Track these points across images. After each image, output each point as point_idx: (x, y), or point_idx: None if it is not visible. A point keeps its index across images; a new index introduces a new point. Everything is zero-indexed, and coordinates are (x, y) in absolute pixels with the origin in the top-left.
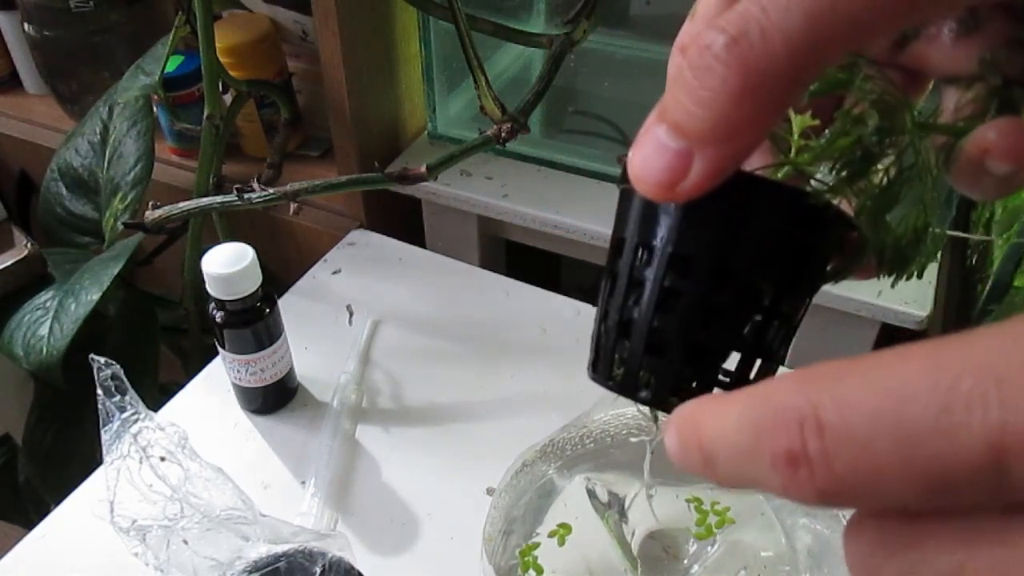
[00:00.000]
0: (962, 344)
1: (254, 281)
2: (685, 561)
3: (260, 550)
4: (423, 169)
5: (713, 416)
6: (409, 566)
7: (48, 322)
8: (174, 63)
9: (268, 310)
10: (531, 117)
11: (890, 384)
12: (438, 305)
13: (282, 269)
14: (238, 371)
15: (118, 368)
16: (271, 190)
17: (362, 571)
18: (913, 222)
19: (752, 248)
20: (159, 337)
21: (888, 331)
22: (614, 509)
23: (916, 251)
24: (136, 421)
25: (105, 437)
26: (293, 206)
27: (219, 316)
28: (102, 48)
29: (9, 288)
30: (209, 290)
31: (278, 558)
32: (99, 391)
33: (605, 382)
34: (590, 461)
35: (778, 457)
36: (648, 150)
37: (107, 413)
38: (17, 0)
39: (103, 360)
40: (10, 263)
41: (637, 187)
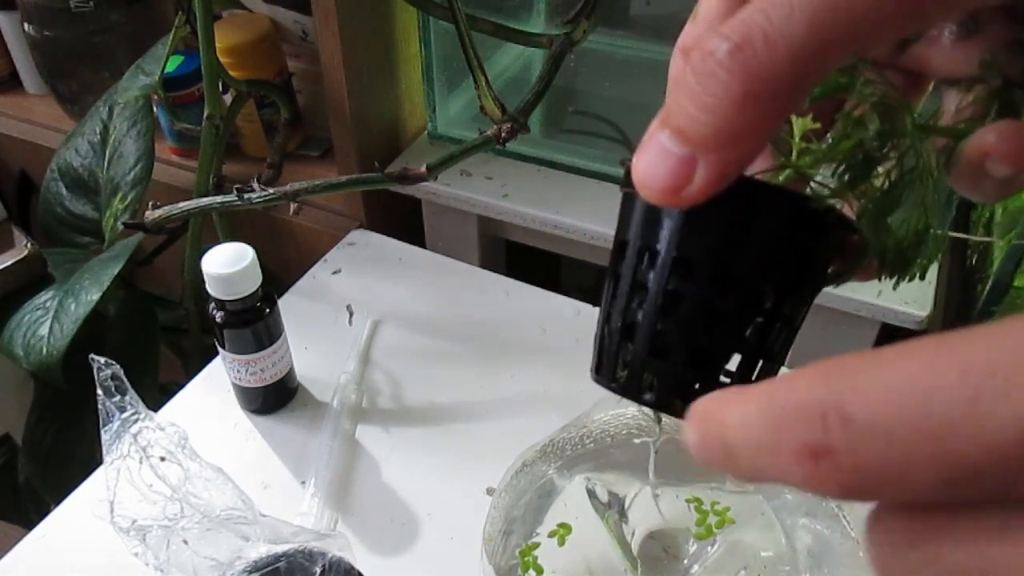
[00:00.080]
0: (989, 334)
1: (254, 281)
2: (685, 561)
3: (260, 550)
4: (423, 169)
5: (733, 410)
6: (409, 566)
7: (48, 322)
8: (174, 63)
9: (268, 310)
10: (531, 117)
11: (916, 375)
12: (438, 305)
13: (282, 269)
14: (238, 371)
15: (118, 368)
16: (271, 190)
17: (362, 571)
18: (914, 224)
19: (755, 253)
20: (159, 337)
21: (888, 331)
22: (614, 509)
23: (917, 253)
24: (136, 421)
25: (105, 437)
26: (293, 206)
27: (219, 316)
28: (102, 48)
29: (9, 288)
30: (209, 290)
31: (278, 558)
32: (99, 391)
33: (609, 384)
34: (590, 461)
35: (801, 450)
36: (652, 155)
37: (107, 413)
38: (17, 0)
39: (103, 360)
40: (10, 263)
41: (641, 192)
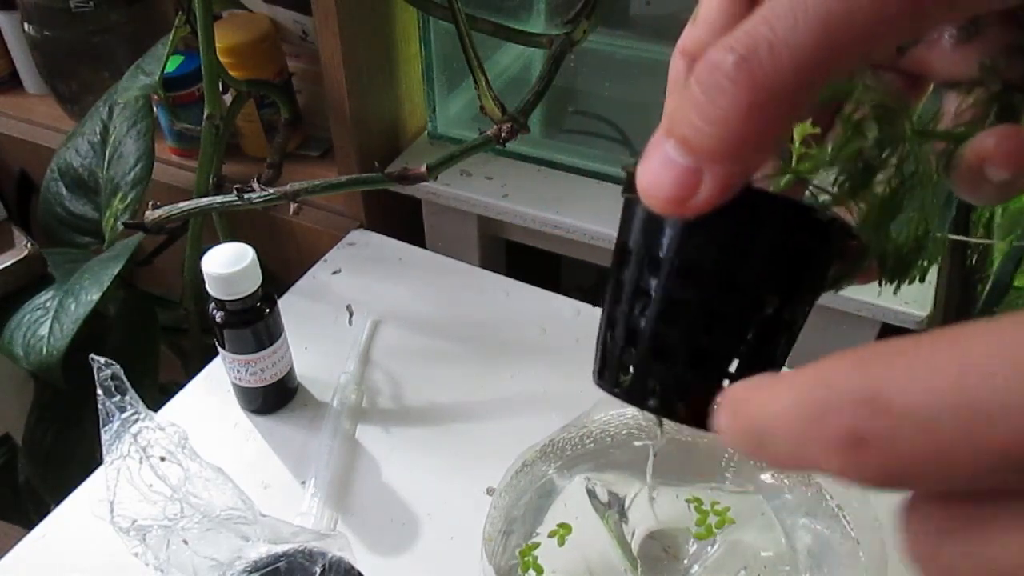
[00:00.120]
0: None
1: (254, 281)
2: (685, 561)
3: (260, 550)
4: (423, 169)
5: (767, 398)
6: (409, 566)
7: (48, 322)
8: (174, 63)
9: (268, 310)
10: (531, 117)
11: (961, 362)
12: (438, 305)
13: (282, 269)
14: (238, 371)
15: (118, 368)
16: (271, 190)
17: (362, 571)
18: (914, 229)
19: (757, 261)
20: (159, 337)
21: (888, 331)
22: (614, 509)
23: (918, 256)
24: (136, 421)
25: (105, 437)
26: (293, 206)
27: (219, 316)
28: (102, 48)
29: (9, 288)
30: (209, 290)
31: (278, 558)
32: (99, 391)
33: (612, 389)
34: (590, 461)
35: (839, 438)
36: (656, 165)
37: (107, 413)
38: (17, 0)
39: (103, 360)
40: (10, 263)
41: (646, 201)
